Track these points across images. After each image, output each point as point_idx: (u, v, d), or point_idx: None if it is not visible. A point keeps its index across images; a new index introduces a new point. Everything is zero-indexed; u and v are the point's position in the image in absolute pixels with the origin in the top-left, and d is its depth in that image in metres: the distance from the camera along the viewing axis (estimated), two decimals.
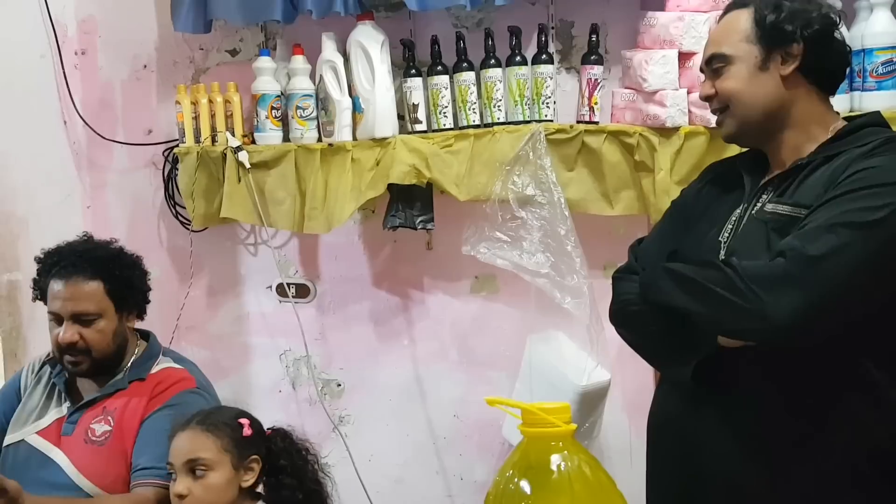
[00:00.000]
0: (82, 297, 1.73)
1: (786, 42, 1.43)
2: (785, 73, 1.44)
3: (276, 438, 1.62)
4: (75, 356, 1.73)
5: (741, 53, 1.45)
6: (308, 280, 2.44)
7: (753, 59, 1.45)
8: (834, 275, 1.27)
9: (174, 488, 1.54)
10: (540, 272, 2.13)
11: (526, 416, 1.08)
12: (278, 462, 1.58)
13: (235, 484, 1.55)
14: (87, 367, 1.75)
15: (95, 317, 1.74)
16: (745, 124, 1.48)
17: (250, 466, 1.57)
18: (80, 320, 1.73)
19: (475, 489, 2.39)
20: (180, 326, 2.42)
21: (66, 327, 1.72)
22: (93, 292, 1.73)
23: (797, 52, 1.43)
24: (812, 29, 1.42)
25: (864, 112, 1.61)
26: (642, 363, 1.97)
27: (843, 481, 1.36)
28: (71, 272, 1.74)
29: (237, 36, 2.40)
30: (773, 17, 1.43)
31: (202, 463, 1.53)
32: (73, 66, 2.45)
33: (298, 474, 1.59)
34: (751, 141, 1.52)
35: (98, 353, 1.75)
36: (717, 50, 1.48)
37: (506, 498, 1.05)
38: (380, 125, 2.16)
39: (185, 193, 2.29)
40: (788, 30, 1.42)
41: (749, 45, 1.45)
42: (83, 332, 1.73)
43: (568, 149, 2.16)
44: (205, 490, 1.52)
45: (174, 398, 1.73)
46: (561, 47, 2.26)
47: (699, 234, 1.51)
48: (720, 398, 1.42)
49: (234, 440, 1.56)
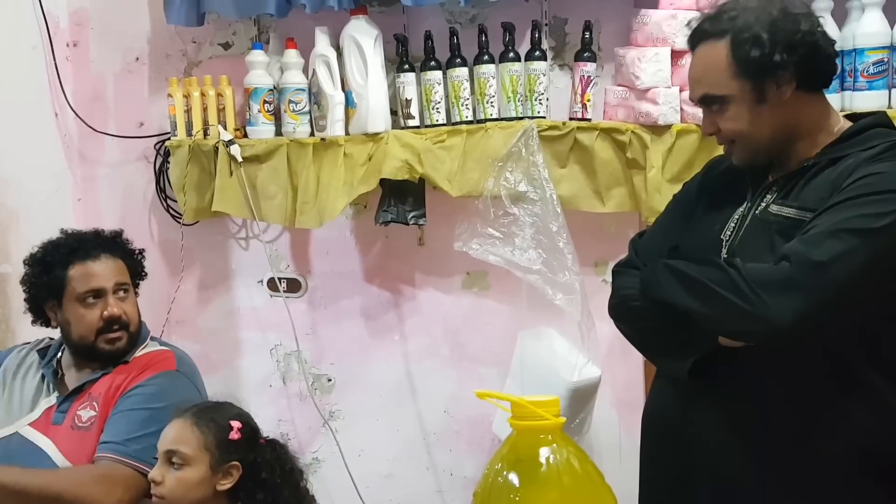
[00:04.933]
0: (119, 271, 1.81)
1: (776, 71, 1.37)
2: (784, 97, 1.40)
3: (266, 449, 1.60)
4: (117, 331, 1.78)
5: (734, 92, 1.39)
6: (299, 275, 2.44)
7: (748, 94, 1.39)
8: (837, 281, 1.27)
9: (152, 473, 1.55)
10: (532, 268, 2.13)
11: (515, 408, 1.08)
12: (259, 474, 1.56)
13: (210, 485, 1.54)
14: (124, 344, 1.79)
15: (128, 289, 1.82)
16: (755, 153, 1.44)
17: (229, 471, 1.55)
18: (120, 293, 1.79)
19: (465, 485, 2.39)
20: (170, 320, 2.42)
21: (113, 301, 1.78)
22: (122, 268, 1.82)
23: (791, 76, 1.38)
24: (799, 52, 1.37)
25: (869, 111, 1.58)
26: (633, 360, 1.98)
27: (837, 482, 1.36)
28: (98, 252, 1.81)
29: (230, 29, 2.39)
30: (756, 52, 1.36)
31: (180, 456, 1.53)
32: (64, 59, 2.44)
33: (274, 492, 1.56)
34: (765, 161, 1.47)
35: (134, 326, 1.81)
36: (708, 91, 1.42)
37: (495, 491, 1.05)
38: (372, 120, 2.16)
39: (176, 187, 2.29)
40: (777, 61, 1.36)
41: (738, 80, 1.39)
42: (123, 306, 1.79)
43: (560, 146, 2.16)
44: (176, 482, 1.52)
45: (148, 379, 1.75)
46: (554, 44, 2.26)
47: (700, 230, 1.50)
48: (716, 395, 1.42)
49: (218, 441, 1.55)
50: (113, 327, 1.77)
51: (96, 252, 1.81)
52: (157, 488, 1.54)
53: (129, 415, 1.68)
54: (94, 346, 1.78)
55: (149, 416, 1.67)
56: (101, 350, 1.78)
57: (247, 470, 1.56)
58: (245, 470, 1.56)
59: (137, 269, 1.88)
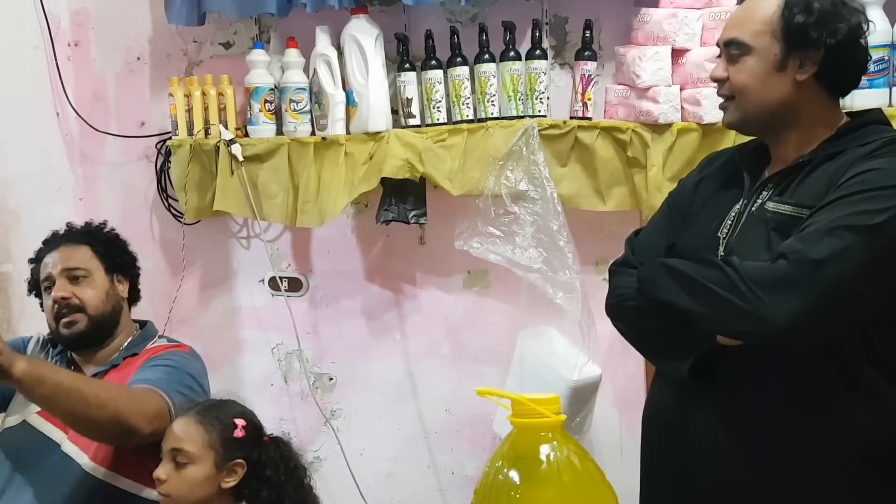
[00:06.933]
0: (72, 257, 1.80)
1: (807, 47, 1.37)
2: (801, 77, 1.39)
3: (270, 447, 1.60)
4: (70, 314, 1.76)
5: (761, 47, 1.39)
6: (300, 274, 2.44)
7: (772, 56, 1.39)
8: (835, 278, 1.27)
9: (156, 471, 1.55)
10: (532, 267, 2.13)
11: (516, 406, 1.08)
12: (264, 472, 1.57)
13: (215, 482, 1.54)
14: (84, 327, 1.78)
15: (85, 273, 1.79)
16: (749, 117, 1.44)
17: (233, 469, 1.55)
18: (72, 277, 1.78)
19: (466, 483, 2.40)
20: (172, 319, 2.42)
21: (59, 285, 1.78)
22: (81, 254, 1.82)
23: (816, 59, 1.38)
24: (836, 39, 1.37)
25: (865, 109, 1.58)
26: (633, 359, 1.98)
27: (837, 481, 1.36)
28: (59, 242, 1.84)
29: (231, 29, 2.39)
30: (801, 17, 1.37)
31: (184, 454, 1.53)
32: (65, 58, 2.44)
33: (278, 489, 1.57)
34: (751, 132, 1.49)
35: (93, 309, 1.78)
36: (737, 35, 1.41)
37: (495, 488, 1.05)
38: (373, 119, 2.16)
39: (177, 186, 2.29)
40: (814, 35, 1.36)
41: (771, 39, 1.39)
42: (75, 289, 1.78)
43: (561, 144, 2.16)
44: (181, 481, 1.53)
45: (167, 352, 1.79)
46: (555, 43, 2.26)
47: (697, 228, 1.49)
48: (715, 395, 1.42)
49: (223, 439, 1.55)
50: (63, 311, 1.77)
51: (56, 243, 1.83)
52: (162, 486, 1.54)
53: (155, 369, 1.71)
54: (58, 332, 1.79)
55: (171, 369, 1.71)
56: (63, 336, 1.79)
57: (251, 468, 1.57)
58: (249, 468, 1.57)
59: (112, 256, 1.85)
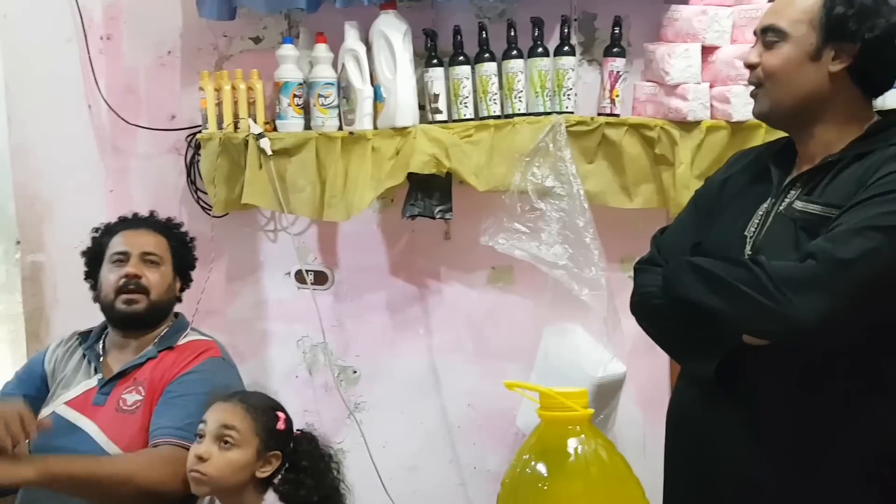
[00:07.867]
0: (151, 242, 1.89)
1: (844, 39, 1.38)
2: (834, 70, 1.39)
3: (302, 440, 1.63)
4: (135, 293, 1.82)
5: (798, 35, 1.40)
6: (326, 267, 2.46)
7: (808, 45, 1.39)
8: (863, 279, 1.27)
9: (197, 448, 1.54)
10: (558, 264, 2.13)
11: (544, 399, 1.09)
12: (301, 463, 1.59)
13: (251, 470, 1.56)
14: (143, 309, 1.82)
15: (159, 261, 1.87)
16: (777, 106, 1.44)
17: (270, 459, 1.57)
18: (147, 261, 1.86)
19: (488, 478, 2.40)
20: (200, 311, 2.42)
21: (133, 263, 1.84)
22: (159, 242, 1.90)
23: (852, 53, 1.38)
24: (873, 34, 1.37)
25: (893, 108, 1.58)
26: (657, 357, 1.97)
27: (858, 481, 1.35)
28: (140, 224, 1.93)
29: (261, 24, 2.41)
30: (842, 9, 1.37)
31: (234, 437, 1.54)
32: (98, 51, 2.47)
33: (319, 478, 1.60)
34: (780, 124, 1.48)
35: (155, 295, 1.84)
36: (775, 22, 1.42)
37: (522, 481, 1.06)
38: (400, 114, 2.17)
39: (206, 179, 2.31)
40: (851, 28, 1.37)
41: (808, 28, 1.39)
42: (146, 271, 1.84)
43: (588, 141, 2.16)
44: (224, 462, 1.53)
45: (201, 364, 1.79)
46: (583, 39, 2.26)
47: (723, 226, 1.48)
48: (740, 395, 1.41)
49: (266, 429, 1.57)
50: (129, 287, 1.81)
51: (138, 224, 1.93)
52: (202, 465, 1.53)
53: (186, 399, 1.70)
54: (113, 305, 1.83)
55: (204, 402, 1.69)
56: (119, 311, 1.82)
57: (284, 459, 1.59)
58: (283, 459, 1.59)
59: (181, 255, 1.93)
